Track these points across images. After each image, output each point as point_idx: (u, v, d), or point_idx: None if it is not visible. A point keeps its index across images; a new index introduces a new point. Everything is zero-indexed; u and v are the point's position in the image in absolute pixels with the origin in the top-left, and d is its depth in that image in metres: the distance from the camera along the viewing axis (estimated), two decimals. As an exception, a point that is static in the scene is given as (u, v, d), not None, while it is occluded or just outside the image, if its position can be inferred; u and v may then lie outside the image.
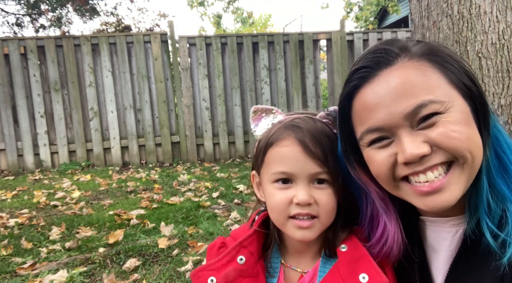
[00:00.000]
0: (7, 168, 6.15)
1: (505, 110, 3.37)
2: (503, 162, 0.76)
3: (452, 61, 0.75)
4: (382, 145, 0.76)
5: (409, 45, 0.77)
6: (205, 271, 0.89)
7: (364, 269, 0.82)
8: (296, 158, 0.83)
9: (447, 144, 0.70)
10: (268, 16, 25.48)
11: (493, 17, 3.40)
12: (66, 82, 6.32)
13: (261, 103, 6.73)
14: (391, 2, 13.12)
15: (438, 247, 0.86)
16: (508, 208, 0.73)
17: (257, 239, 0.93)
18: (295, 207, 0.83)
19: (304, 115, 0.92)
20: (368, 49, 0.80)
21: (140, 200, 4.02)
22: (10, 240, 2.93)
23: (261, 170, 0.92)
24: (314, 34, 6.87)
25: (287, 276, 0.92)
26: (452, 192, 0.72)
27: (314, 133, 0.85)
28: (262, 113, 0.96)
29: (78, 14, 14.43)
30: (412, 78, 0.72)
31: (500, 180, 0.75)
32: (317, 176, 0.84)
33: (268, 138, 0.89)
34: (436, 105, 0.70)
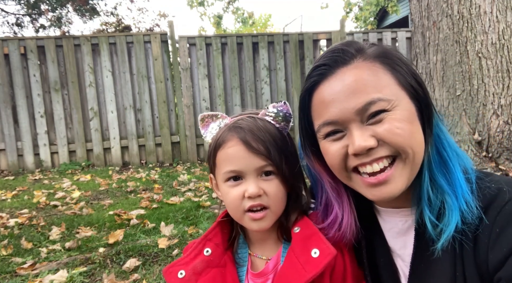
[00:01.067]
0: (7, 168, 6.15)
1: (505, 110, 3.37)
2: (443, 158, 0.84)
3: (401, 64, 0.83)
4: (336, 137, 0.83)
5: (364, 47, 0.84)
6: (175, 267, 0.96)
7: (315, 245, 0.89)
8: (241, 156, 0.91)
9: (391, 139, 0.77)
10: (268, 16, 25.48)
11: (493, 17, 3.39)
12: (66, 82, 6.32)
13: (261, 104, 6.75)
14: (391, 2, 13.12)
15: (389, 234, 0.96)
16: (446, 200, 0.80)
17: (221, 231, 1.02)
18: (248, 201, 0.91)
19: (246, 115, 0.99)
20: (329, 49, 0.86)
21: (140, 200, 4.02)
22: (10, 240, 2.93)
23: (215, 172, 0.99)
24: (314, 34, 6.87)
25: (254, 264, 1.00)
26: (396, 184, 0.80)
27: (255, 131, 0.92)
28: (210, 120, 1.02)
29: (78, 14, 14.43)
30: (365, 77, 0.79)
31: (440, 174, 0.82)
32: (263, 169, 0.92)
33: (216, 142, 0.96)
34: (383, 103, 0.77)
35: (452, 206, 0.79)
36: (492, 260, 0.73)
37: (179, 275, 0.94)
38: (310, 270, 0.85)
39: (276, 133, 0.95)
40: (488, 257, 0.74)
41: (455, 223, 0.77)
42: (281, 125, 0.98)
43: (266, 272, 0.96)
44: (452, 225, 0.78)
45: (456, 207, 0.78)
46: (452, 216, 0.78)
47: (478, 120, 3.36)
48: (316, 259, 0.86)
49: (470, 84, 3.39)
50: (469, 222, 0.77)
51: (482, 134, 3.34)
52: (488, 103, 3.35)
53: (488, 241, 0.75)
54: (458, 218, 0.78)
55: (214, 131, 1.00)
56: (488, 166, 3.25)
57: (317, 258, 0.87)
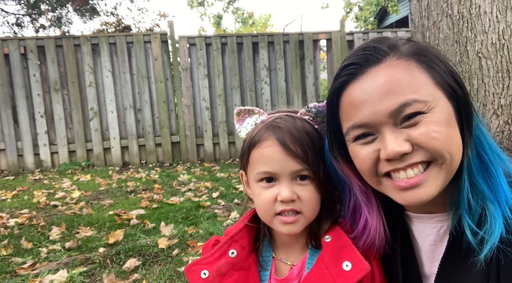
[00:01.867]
0: (7, 168, 6.15)
1: (505, 110, 3.36)
2: (484, 161, 0.78)
3: (439, 62, 0.77)
4: (366, 141, 0.78)
5: (398, 44, 0.78)
6: (198, 265, 0.92)
7: (347, 257, 0.85)
8: (277, 157, 0.87)
9: (427, 143, 0.72)
10: (268, 16, 25.47)
11: (493, 17, 3.39)
12: (66, 82, 6.32)
13: (261, 103, 6.74)
14: (391, 2, 13.13)
15: (423, 241, 0.90)
16: (488, 207, 0.75)
17: (247, 233, 0.97)
18: (280, 204, 0.87)
19: (285, 113, 0.95)
20: (359, 46, 0.81)
21: (140, 200, 4.02)
22: (10, 240, 2.93)
23: (247, 170, 0.95)
24: (314, 34, 6.87)
25: (278, 268, 0.96)
26: (429, 188, 0.75)
27: (293, 132, 0.88)
28: (245, 114, 1.00)
29: (78, 14, 14.43)
30: (399, 77, 0.74)
31: (481, 179, 0.76)
32: (299, 173, 0.88)
33: (251, 140, 0.92)
34: (419, 105, 0.72)
35: (494, 213, 0.73)
36: None
37: (202, 275, 0.91)
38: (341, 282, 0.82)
39: (315, 135, 0.91)
40: None
41: (499, 232, 0.72)
42: (320, 126, 0.94)
43: (290, 278, 0.92)
44: (496, 234, 0.72)
45: (499, 214, 0.73)
46: (495, 224, 0.72)
47: (478, 120, 3.36)
48: (348, 273, 0.83)
49: (470, 84, 3.39)
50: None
51: (482, 134, 3.34)
52: (488, 103, 3.35)
53: None
54: (502, 226, 0.72)
55: (249, 127, 0.97)
56: (488, 166, 3.25)
57: (349, 272, 0.83)
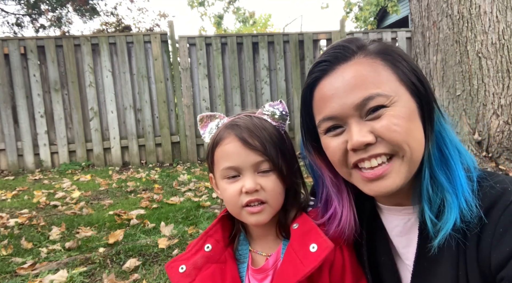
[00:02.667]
0: (7, 168, 6.15)
1: (505, 110, 3.36)
2: (444, 155, 0.83)
3: (402, 60, 0.83)
4: (336, 133, 0.84)
5: (366, 44, 0.84)
6: (177, 262, 0.99)
7: (313, 240, 0.90)
8: (238, 152, 0.92)
9: (388, 135, 0.77)
10: (268, 16, 25.47)
11: (493, 17, 3.39)
12: (66, 82, 6.32)
13: (261, 103, 6.73)
14: (391, 2, 13.12)
15: (391, 231, 0.96)
16: (446, 198, 0.80)
17: (221, 228, 1.04)
18: (245, 196, 0.92)
19: (244, 114, 1.01)
20: (330, 45, 0.88)
21: (140, 200, 4.02)
22: (10, 240, 2.93)
23: (214, 170, 1.00)
24: (314, 34, 6.87)
25: (255, 260, 1.01)
26: (393, 179, 0.80)
27: (251, 127, 0.94)
28: (208, 120, 1.04)
29: (78, 14, 14.43)
30: (364, 73, 0.79)
31: (441, 172, 0.81)
32: (260, 165, 0.93)
33: (214, 140, 0.98)
34: (382, 98, 0.77)
35: (451, 204, 0.79)
36: (495, 259, 0.73)
37: (180, 270, 0.96)
38: (308, 264, 0.86)
39: (272, 130, 0.97)
40: (491, 256, 0.74)
41: (453, 221, 0.77)
42: (278, 123, 1.00)
43: (266, 268, 0.97)
44: (450, 222, 0.77)
45: (455, 205, 0.78)
46: (450, 214, 0.78)
47: (478, 120, 3.36)
48: (314, 253, 0.87)
49: (470, 84, 3.39)
50: (468, 221, 0.77)
51: (482, 134, 3.34)
52: (488, 103, 3.35)
53: (491, 241, 0.74)
54: (457, 216, 0.77)
55: (212, 131, 1.02)
56: (488, 166, 3.25)
57: (315, 252, 0.87)
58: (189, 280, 0.95)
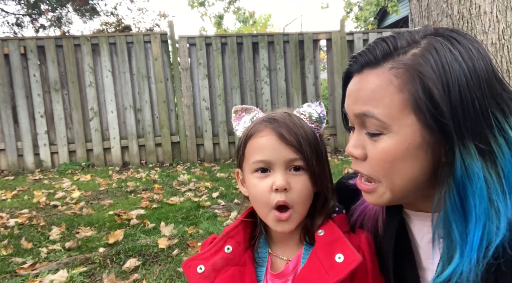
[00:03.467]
0: (7, 168, 6.15)
1: (505, 110, 3.37)
2: (464, 208, 0.70)
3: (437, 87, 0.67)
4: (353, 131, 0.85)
5: (407, 50, 0.72)
6: (195, 261, 0.95)
7: (339, 250, 0.87)
8: (272, 145, 0.90)
9: (372, 162, 0.77)
10: (268, 16, 25.46)
11: (493, 17, 3.39)
12: (66, 82, 6.32)
13: (261, 103, 6.74)
14: (391, 2, 13.12)
15: (421, 239, 0.88)
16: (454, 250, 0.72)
17: (243, 230, 1.00)
18: (275, 194, 0.89)
19: (281, 110, 1.00)
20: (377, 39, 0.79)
21: (140, 200, 4.02)
22: (10, 240, 2.93)
23: (243, 164, 0.97)
24: (314, 34, 6.86)
25: (275, 264, 0.98)
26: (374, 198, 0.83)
27: (289, 124, 0.92)
28: (242, 113, 1.02)
29: (78, 14, 14.42)
30: (373, 88, 0.74)
31: (454, 223, 0.71)
32: (293, 162, 0.90)
33: (248, 132, 0.96)
34: (374, 121, 0.74)
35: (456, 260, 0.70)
36: None
37: (198, 270, 0.93)
38: (333, 275, 0.83)
39: (309, 130, 0.95)
40: None
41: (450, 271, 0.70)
42: (314, 125, 0.98)
43: (286, 273, 0.95)
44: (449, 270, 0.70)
45: (455, 262, 0.70)
46: (451, 265, 0.71)
47: (478, 120, 3.36)
48: (341, 265, 0.84)
49: (470, 84, 3.39)
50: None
51: (482, 135, 3.35)
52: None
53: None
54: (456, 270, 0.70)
55: (246, 125, 1.00)
56: (488, 166, 3.25)
57: (341, 263, 0.84)
58: (207, 282, 0.92)
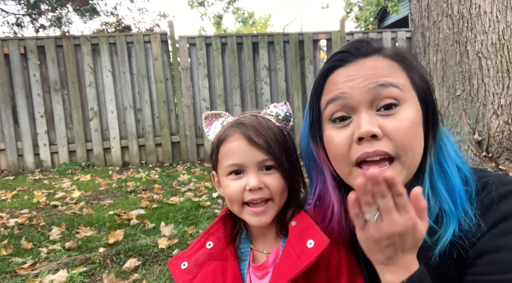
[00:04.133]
0: (7, 168, 6.15)
1: (505, 110, 3.36)
2: (443, 168, 0.85)
3: (416, 68, 0.85)
4: (343, 125, 0.83)
5: (384, 47, 0.87)
6: (179, 259, 1.01)
7: (310, 236, 0.91)
8: (243, 149, 0.94)
9: (397, 137, 0.77)
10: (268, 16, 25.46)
11: (493, 17, 3.39)
12: (66, 82, 6.32)
13: (261, 104, 6.74)
14: (391, 2, 13.12)
15: None
16: (444, 209, 0.81)
17: (223, 226, 1.05)
18: (249, 193, 0.94)
19: (249, 114, 1.04)
20: (354, 39, 0.88)
21: (140, 200, 4.02)
22: (10, 240, 2.93)
23: (217, 167, 1.02)
24: (314, 34, 6.86)
25: (256, 258, 1.03)
26: None
27: (256, 127, 0.96)
28: (213, 118, 1.06)
29: (78, 14, 14.43)
30: (383, 67, 0.82)
31: (440, 183, 0.83)
32: (264, 163, 0.95)
33: (219, 138, 1.00)
34: (395, 90, 0.79)
35: (450, 214, 0.80)
36: (470, 255, 0.77)
37: (182, 266, 0.98)
38: (304, 259, 0.88)
39: (277, 130, 1.00)
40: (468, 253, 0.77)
41: (452, 230, 0.79)
42: (282, 124, 1.02)
43: (266, 265, 1.00)
44: (449, 231, 0.79)
45: (454, 215, 0.80)
46: (450, 223, 0.80)
47: (478, 120, 3.36)
48: (311, 249, 0.89)
49: (470, 84, 3.39)
50: (466, 230, 0.79)
51: (482, 134, 3.34)
52: (488, 103, 3.35)
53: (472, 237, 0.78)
54: (456, 226, 0.79)
55: (217, 130, 1.04)
56: (488, 166, 3.25)
57: (311, 248, 0.89)
58: (190, 277, 0.97)
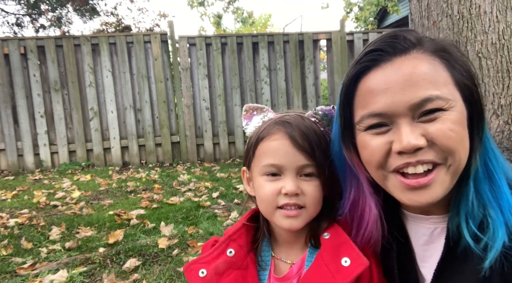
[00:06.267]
0: (7, 168, 6.15)
1: (505, 110, 3.36)
2: (489, 170, 0.77)
3: (461, 62, 0.76)
4: (379, 131, 0.76)
5: (423, 39, 0.77)
6: (197, 264, 0.93)
7: (346, 253, 0.85)
8: (285, 150, 0.87)
9: (443, 141, 0.71)
10: (268, 16, 25.46)
11: (493, 17, 3.39)
12: (66, 82, 6.32)
13: (261, 104, 6.70)
14: (391, 2, 13.12)
15: (417, 241, 0.89)
16: (490, 214, 0.74)
17: (246, 232, 0.98)
18: (283, 198, 0.87)
19: (294, 113, 0.97)
20: (387, 33, 0.78)
21: (140, 200, 4.02)
22: (10, 240, 2.93)
23: (252, 164, 0.95)
24: (314, 34, 6.86)
25: (278, 267, 0.96)
26: (436, 190, 0.73)
27: (302, 128, 0.89)
28: (254, 112, 1.01)
29: (78, 14, 14.43)
30: (424, 71, 0.72)
31: (486, 186, 0.76)
32: (305, 169, 0.88)
33: (259, 133, 0.93)
34: (441, 102, 0.71)
35: (497, 221, 0.73)
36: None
37: (200, 274, 0.91)
38: (340, 279, 0.82)
39: (321, 135, 0.93)
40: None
41: (502, 239, 0.71)
42: (325, 129, 0.96)
43: (289, 276, 0.93)
44: (499, 241, 0.71)
45: (501, 222, 0.72)
46: (498, 231, 0.72)
47: (478, 120, 3.36)
48: (347, 268, 0.83)
49: (470, 84, 3.39)
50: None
51: (482, 134, 3.34)
52: (488, 103, 3.35)
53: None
54: (505, 234, 0.71)
55: (257, 124, 0.98)
56: (488, 166, 3.25)
57: (348, 267, 0.83)
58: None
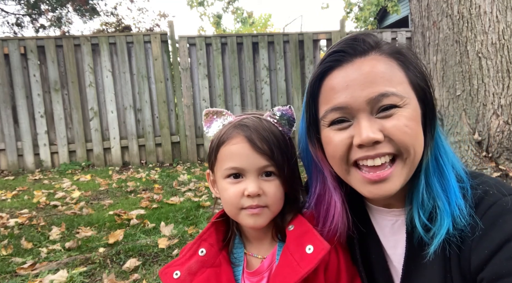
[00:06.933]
0: (7, 168, 6.15)
1: (505, 110, 3.36)
2: (439, 164, 0.85)
3: (415, 64, 0.83)
4: (341, 127, 0.81)
5: (381, 42, 0.84)
6: (171, 267, 0.97)
7: (309, 241, 0.89)
8: (245, 154, 0.91)
9: (398, 136, 0.77)
10: (268, 16, 25.47)
11: (493, 17, 3.39)
12: (66, 82, 6.32)
13: (261, 103, 6.74)
14: (391, 2, 13.12)
15: (382, 230, 0.97)
16: (438, 205, 0.81)
17: (215, 231, 1.02)
18: (247, 200, 0.91)
19: (252, 115, 1.00)
20: (348, 36, 0.85)
21: (140, 200, 4.02)
22: (10, 240, 2.93)
23: (215, 168, 0.99)
24: (314, 34, 6.86)
25: (250, 263, 1.00)
26: (394, 182, 0.80)
27: (260, 131, 0.92)
28: (214, 116, 1.02)
29: (78, 14, 14.43)
30: (382, 70, 0.79)
31: (436, 179, 0.83)
32: (265, 169, 0.92)
33: (219, 138, 0.96)
34: (396, 98, 0.77)
35: (444, 211, 0.80)
36: (474, 261, 0.75)
37: (174, 276, 0.94)
38: (304, 265, 0.86)
39: (279, 135, 0.96)
40: (471, 258, 0.75)
41: (446, 228, 0.78)
42: (284, 128, 0.99)
43: (261, 270, 0.97)
44: (443, 229, 0.79)
45: (448, 212, 0.79)
46: (444, 221, 0.79)
47: (478, 120, 3.36)
48: (311, 255, 0.87)
49: (470, 84, 3.39)
50: (460, 228, 0.78)
51: (482, 135, 3.34)
52: (488, 103, 3.35)
53: (471, 243, 0.76)
54: (450, 223, 0.78)
55: (217, 128, 1.00)
56: (488, 166, 3.25)
57: (311, 254, 0.87)
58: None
